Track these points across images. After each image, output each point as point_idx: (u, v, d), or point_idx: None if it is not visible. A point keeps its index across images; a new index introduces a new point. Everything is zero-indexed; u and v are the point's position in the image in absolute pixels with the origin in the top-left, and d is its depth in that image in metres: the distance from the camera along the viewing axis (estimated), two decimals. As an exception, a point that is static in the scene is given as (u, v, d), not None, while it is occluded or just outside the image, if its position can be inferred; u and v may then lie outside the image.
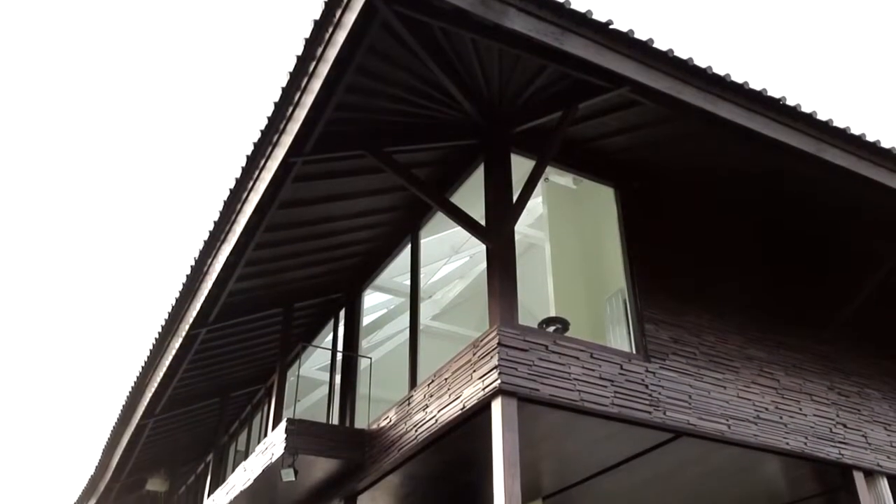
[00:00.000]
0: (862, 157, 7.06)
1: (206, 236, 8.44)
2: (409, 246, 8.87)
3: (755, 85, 6.49)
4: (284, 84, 6.42)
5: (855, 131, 6.92)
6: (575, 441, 7.08)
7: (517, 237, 7.16)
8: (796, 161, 6.98)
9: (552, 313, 7.73)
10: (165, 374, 10.80)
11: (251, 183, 7.41)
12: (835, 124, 6.84)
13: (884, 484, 7.99)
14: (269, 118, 6.77)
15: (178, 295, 9.46)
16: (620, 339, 7.40)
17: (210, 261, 8.73)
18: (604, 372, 6.68)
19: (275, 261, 9.27)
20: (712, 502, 8.97)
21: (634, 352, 7.14)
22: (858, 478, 7.84)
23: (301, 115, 6.43)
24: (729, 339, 7.76)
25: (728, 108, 6.45)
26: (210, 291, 8.95)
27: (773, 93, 6.57)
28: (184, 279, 9.20)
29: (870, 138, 7.00)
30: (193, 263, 8.93)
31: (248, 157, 7.19)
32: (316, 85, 6.18)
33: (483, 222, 7.11)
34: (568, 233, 8.93)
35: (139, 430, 12.74)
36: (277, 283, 9.90)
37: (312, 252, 9.38)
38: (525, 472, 7.39)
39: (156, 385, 11.05)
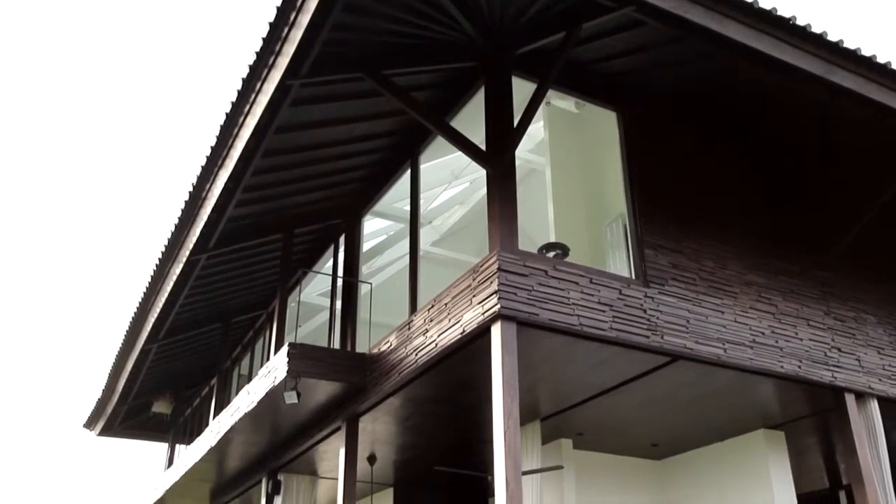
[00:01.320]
0: (871, 80, 6.93)
1: (203, 161, 8.38)
2: (409, 171, 8.81)
3: (764, 4, 6.33)
4: (280, 3, 6.25)
5: (865, 53, 6.79)
6: (573, 365, 7.17)
7: (518, 162, 7.09)
8: (804, 84, 6.86)
9: (552, 239, 7.74)
10: (167, 300, 10.88)
11: (248, 106, 7.31)
12: (845, 45, 6.70)
13: (874, 405, 8.14)
14: (264, 39, 6.63)
15: (177, 221, 9.45)
16: (620, 264, 7.42)
17: (208, 186, 8.68)
18: (603, 297, 6.72)
19: (273, 186, 9.22)
20: (706, 424, 9.17)
21: (634, 277, 7.17)
22: (849, 399, 7.98)
23: (297, 35, 6.29)
24: (728, 265, 7.78)
25: (735, 27, 6.30)
26: (209, 217, 8.93)
27: (783, 12, 6.41)
28: (182, 205, 9.17)
29: (880, 60, 6.87)
30: (191, 189, 8.89)
31: (244, 79, 7.07)
32: (312, 4, 6.03)
33: (483, 147, 7.04)
34: (569, 158, 8.85)
35: (143, 354, 12.92)
36: (276, 208, 9.87)
37: (311, 177, 9.32)
38: (524, 395, 7.53)
39: (158, 311, 11.14)
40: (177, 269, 10.08)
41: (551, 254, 7.28)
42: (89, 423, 16.49)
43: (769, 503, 9.03)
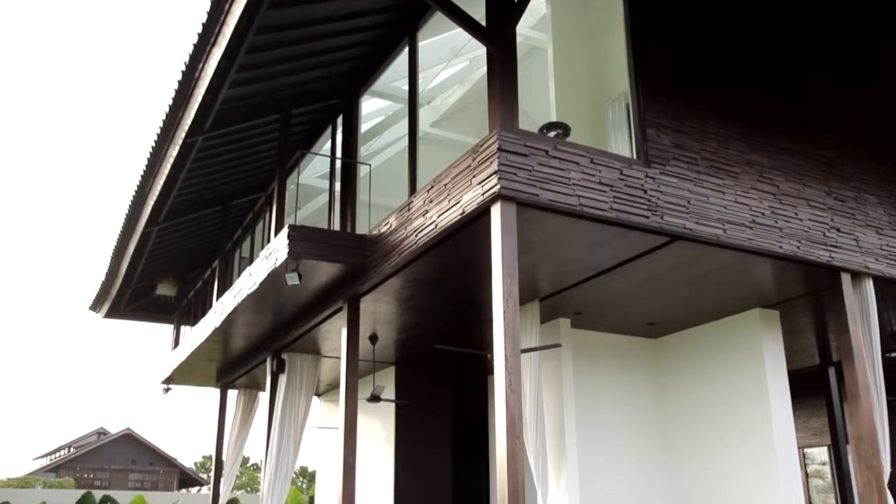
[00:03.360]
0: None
1: (195, 39, 8.13)
2: (407, 49, 8.57)
3: None
4: None
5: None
6: (572, 245, 7.20)
7: (518, 39, 6.88)
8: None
9: (553, 118, 7.60)
10: (165, 183, 10.82)
11: (239, -20, 7.02)
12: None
13: (869, 284, 8.25)
14: None
15: (171, 102, 9.27)
16: (622, 144, 7.33)
17: (201, 66, 8.46)
18: (603, 177, 6.67)
19: (268, 65, 8.99)
20: (703, 303, 9.31)
21: (635, 157, 7.10)
22: (845, 279, 8.08)
23: None
24: (731, 145, 7.69)
25: None
26: (204, 98, 8.75)
27: None
28: (176, 85, 8.97)
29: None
30: (184, 68, 8.67)
31: (233, -49, 6.75)
32: None
33: (483, 23, 6.81)
34: (571, 35, 8.58)
35: (144, 238, 12.97)
36: (272, 88, 9.67)
37: (307, 56, 9.07)
38: (523, 275, 7.62)
39: (157, 193, 11.10)
40: (173, 152, 9.97)
41: (552, 133, 7.17)
42: (95, 306, 16.76)
43: (761, 380, 9.30)
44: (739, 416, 9.50)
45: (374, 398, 10.44)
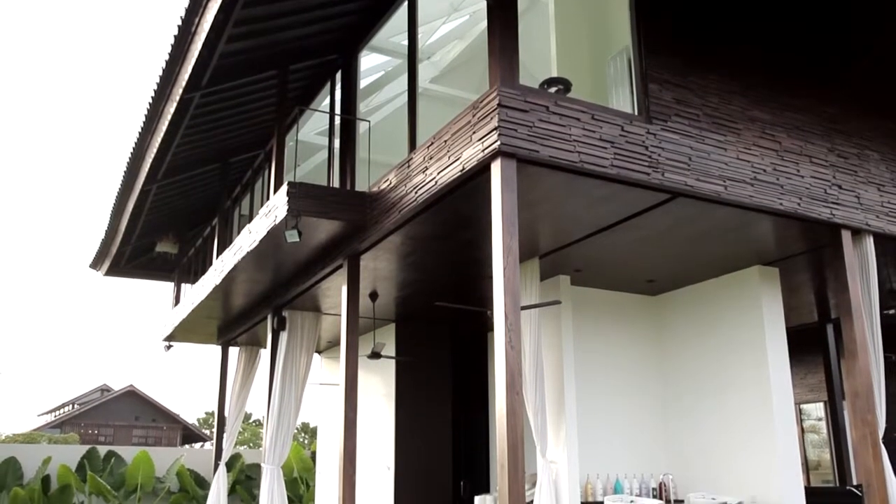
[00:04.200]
0: None
1: (191, -7, 8.00)
2: (406, 3, 8.44)
3: None
4: None
5: None
6: (573, 202, 7.18)
7: (520, -8, 6.75)
8: None
9: (554, 74, 7.51)
10: (163, 140, 10.74)
11: (234, -68, 6.88)
12: None
13: (869, 242, 8.24)
14: None
15: (167, 57, 9.16)
16: (623, 100, 7.26)
17: (198, 20, 8.34)
18: (604, 133, 6.62)
19: (265, 20, 8.85)
20: (703, 260, 9.32)
21: (636, 113, 7.04)
22: (846, 236, 8.07)
23: None
24: (734, 101, 7.62)
25: None
26: (200, 53, 8.63)
27: None
28: (172, 41, 8.85)
29: None
30: (180, 23, 8.55)
31: None
32: None
33: (484, -25, 6.69)
34: (573, -12, 8.44)
35: (143, 195, 12.93)
36: (270, 43, 9.54)
37: (304, 9, 8.94)
38: (523, 232, 7.60)
39: (155, 150, 11.03)
40: (171, 108, 9.88)
41: (553, 89, 7.09)
42: (95, 264, 16.77)
43: (760, 337, 9.35)
44: (737, 373, 9.58)
45: (375, 355, 10.50)
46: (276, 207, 8.29)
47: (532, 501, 8.35)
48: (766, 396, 9.14)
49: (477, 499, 9.93)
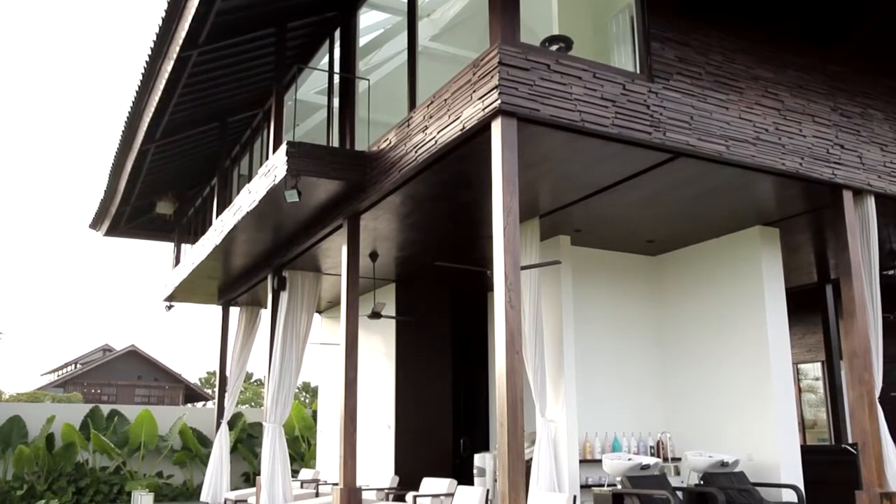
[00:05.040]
0: None
1: (187, -52, 7.86)
2: (406, -41, 8.29)
3: None
4: None
5: None
6: (573, 162, 7.14)
7: (521, -53, 6.63)
8: None
9: (555, 32, 7.42)
10: (161, 99, 10.64)
11: None
12: None
13: (870, 202, 8.22)
14: None
15: (164, 14, 9.03)
16: (625, 58, 7.18)
17: (194, -24, 8.21)
18: (606, 92, 6.56)
19: (263, -24, 8.73)
20: (703, 220, 9.30)
21: (638, 72, 6.96)
22: (847, 196, 8.04)
23: None
24: (737, 59, 7.54)
25: None
26: (197, 9, 8.51)
27: None
28: (168, -3, 8.72)
29: None
30: (177, -21, 8.42)
31: None
32: None
33: (485, -70, 6.57)
34: (576, -57, 8.30)
35: (142, 155, 12.85)
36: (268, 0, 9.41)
37: (302, -34, 8.80)
38: (523, 192, 7.58)
39: (153, 110, 10.93)
40: (168, 66, 9.77)
41: (554, 47, 7.01)
42: (94, 224, 16.74)
43: (759, 297, 9.37)
44: (736, 332, 9.62)
45: (375, 315, 10.54)
46: (275, 167, 8.25)
47: (531, 459, 8.45)
48: (764, 356, 9.20)
49: (476, 457, 10.05)
